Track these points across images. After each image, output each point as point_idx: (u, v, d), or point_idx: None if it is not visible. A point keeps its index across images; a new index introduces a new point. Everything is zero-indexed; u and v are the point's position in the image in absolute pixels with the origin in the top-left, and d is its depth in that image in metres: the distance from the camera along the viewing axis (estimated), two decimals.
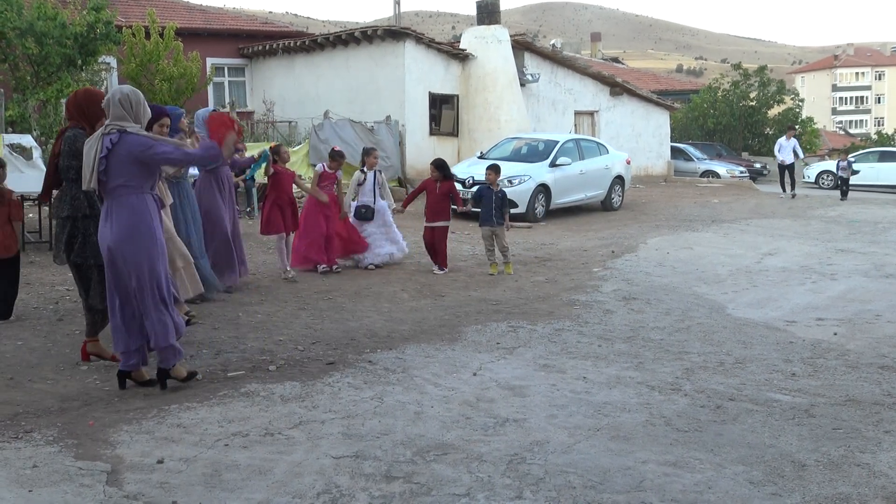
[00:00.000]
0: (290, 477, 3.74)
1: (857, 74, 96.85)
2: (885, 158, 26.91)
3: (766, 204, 18.34)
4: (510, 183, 13.80)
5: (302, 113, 19.09)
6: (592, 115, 23.22)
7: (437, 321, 7.00)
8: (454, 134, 19.64)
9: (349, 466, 3.86)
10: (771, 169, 27.28)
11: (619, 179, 16.79)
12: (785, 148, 19.93)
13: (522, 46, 21.16)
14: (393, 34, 18.43)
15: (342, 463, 3.90)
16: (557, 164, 15.15)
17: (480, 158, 15.51)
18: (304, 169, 15.73)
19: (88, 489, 3.58)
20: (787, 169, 19.96)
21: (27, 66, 14.08)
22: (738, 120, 35.18)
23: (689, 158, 27.57)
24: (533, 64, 21.52)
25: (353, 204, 9.68)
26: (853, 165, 21.32)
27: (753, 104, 35.47)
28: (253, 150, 14.38)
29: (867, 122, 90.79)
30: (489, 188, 9.55)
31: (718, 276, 9.35)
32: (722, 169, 26.84)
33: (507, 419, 4.53)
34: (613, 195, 16.74)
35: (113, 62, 17.85)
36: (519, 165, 14.94)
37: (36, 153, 10.71)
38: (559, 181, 15.12)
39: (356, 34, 18.99)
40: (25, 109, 13.51)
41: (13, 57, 14.01)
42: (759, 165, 29.74)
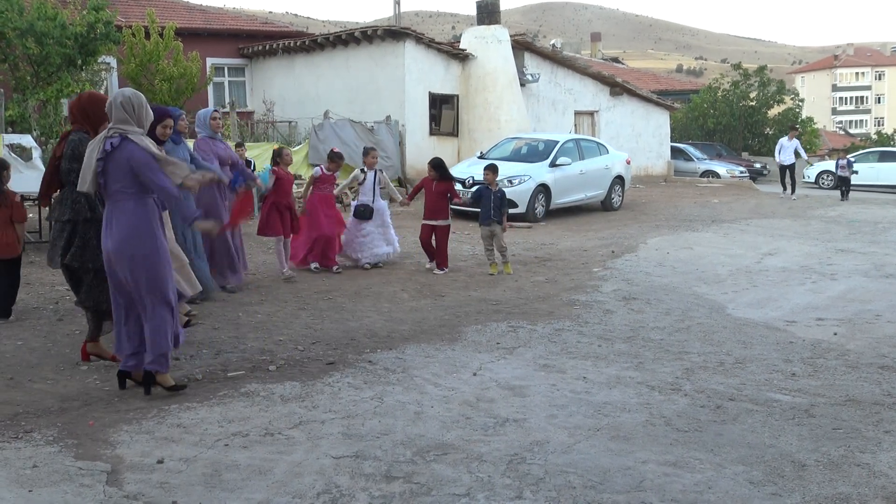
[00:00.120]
0: (290, 477, 3.74)
1: (857, 74, 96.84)
2: (884, 158, 26.87)
3: (766, 204, 18.33)
4: (510, 183, 13.81)
5: (302, 113, 19.10)
6: (592, 115, 23.22)
7: (437, 321, 7.00)
8: (454, 134, 19.65)
9: (349, 466, 3.86)
10: (771, 169, 27.28)
11: (619, 179, 16.78)
12: (786, 148, 19.81)
13: (522, 46, 21.16)
14: (393, 34, 18.43)
15: (342, 463, 3.90)
16: (557, 164, 15.14)
17: (480, 158, 15.49)
18: (304, 169, 15.75)
19: (88, 489, 3.59)
20: (787, 169, 19.91)
21: (27, 66, 14.08)
22: (738, 120, 35.19)
23: (689, 158, 27.56)
24: (533, 64, 21.52)
25: (352, 203, 9.69)
26: (853, 165, 21.29)
27: (753, 104, 35.48)
28: (253, 149, 14.48)
29: (867, 122, 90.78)
30: (488, 188, 9.56)
31: (718, 276, 9.36)
32: (722, 169, 26.83)
33: (507, 419, 4.53)
34: (613, 195, 16.73)
35: (113, 62, 17.87)
36: (519, 165, 14.94)
37: (35, 153, 10.68)
38: (559, 181, 15.11)
39: (356, 34, 19.00)
40: (25, 109, 13.52)
41: (13, 57, 14.01)
42: (759, 165, 29.73)
